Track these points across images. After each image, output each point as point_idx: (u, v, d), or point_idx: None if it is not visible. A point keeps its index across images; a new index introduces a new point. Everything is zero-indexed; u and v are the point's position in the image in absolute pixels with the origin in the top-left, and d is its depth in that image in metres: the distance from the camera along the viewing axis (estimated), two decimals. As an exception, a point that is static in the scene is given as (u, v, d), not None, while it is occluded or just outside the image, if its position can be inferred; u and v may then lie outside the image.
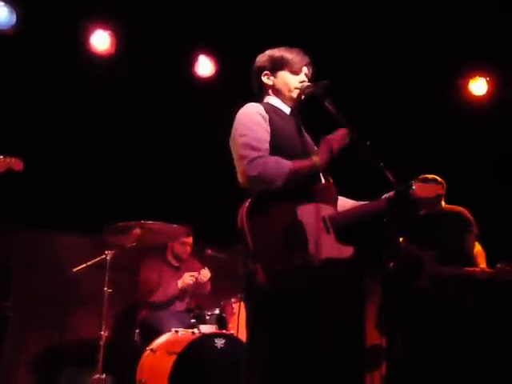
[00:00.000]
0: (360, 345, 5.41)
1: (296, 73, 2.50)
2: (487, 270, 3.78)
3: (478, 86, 5.06)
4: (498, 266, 3.72)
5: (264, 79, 2.48)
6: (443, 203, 4.12)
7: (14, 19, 4.29)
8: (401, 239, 4.01)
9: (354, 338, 5.28)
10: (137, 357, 3.77)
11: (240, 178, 2.17)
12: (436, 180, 4.10)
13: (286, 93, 2.49)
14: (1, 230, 4.40)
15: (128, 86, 4.64)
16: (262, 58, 2.52)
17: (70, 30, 4.52)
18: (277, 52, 2.52)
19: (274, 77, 2.49)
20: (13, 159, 2.95)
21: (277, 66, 2.49)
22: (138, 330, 4.10)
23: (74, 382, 4.20)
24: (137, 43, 4.70)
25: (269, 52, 2.53)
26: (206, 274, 4.18)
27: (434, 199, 4.08)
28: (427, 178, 4.10)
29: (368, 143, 2.54)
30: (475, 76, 5.04)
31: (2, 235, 4.44)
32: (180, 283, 4.19)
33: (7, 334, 3.73)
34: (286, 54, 2.51)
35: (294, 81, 2.50)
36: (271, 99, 2.49)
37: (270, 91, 2.49)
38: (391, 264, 4.27)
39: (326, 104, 2.58)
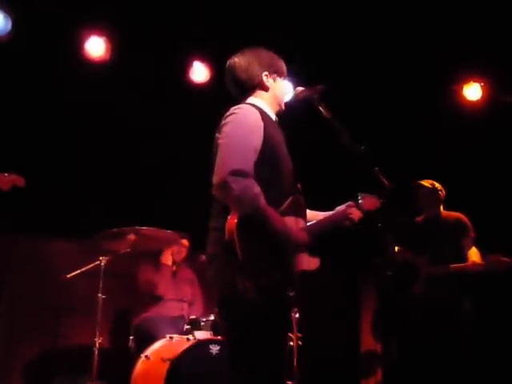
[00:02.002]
0: (355, 351, 5.41)
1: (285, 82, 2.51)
2: (478, 262, 3.80)
3: (473, 91, 5.07)
4: (489, 257, 3.76)
5: (264, 78, 2.40)
6: (442, 209, 4.13)
7: (9, 26, 4.28)
8: (396, 247, 4.01)
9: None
10: (131, 363, 3.74)
11: (216, 178, 2.06)
12: (433, 185, 4.10)
13: (279, 99, 2.48)
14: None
15: (123, 92, 4.63)
16: (265, 56, 2.44)
17: (65, 36, 4.53)
18: (274, 57, 2.48)
19: (274, 80, 2.44)
20: (16, 177, 3.05)
21: (278, 70, 2.46)
22: (132, 337, 4.07)
23: (67, 388, 4.18)
24: (131, 49, 4.70)
25: (268, 53, 2.47)
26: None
27: (433, 204, 4.09)
28: (422, 184, 4.11)
29: (362, 148, 2.55)
30: (469, 81, 5.05)
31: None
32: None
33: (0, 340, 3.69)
34: (282, 63, 2.50)
35: (285, 90, 2.49)
36: (257, 101, 2.38)
37: (261, 92, 2.41)
38: (387, 272, 4.27)
39: (321, 108, 2.59)
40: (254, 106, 2.34)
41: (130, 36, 4.66)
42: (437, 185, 4.13)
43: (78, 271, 3.84)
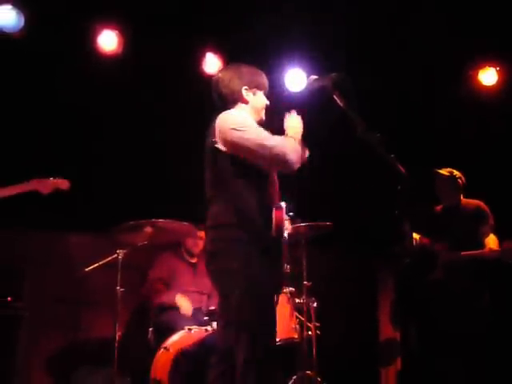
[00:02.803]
0: (373, 339, 5.39)
1: (266, 96, 2.73)
2: (494, 249, 3.77)
3: (488, 76, 5.00)
4: (505, 245, 3.72)
5: (244, 92, 2.63)
6: (461, 197, 4.08)
7: (21, 22, 4.30)
8: (415, 234, 3.98)
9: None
10: (151, 355, 3.77)
11: (275, 162, 2.43)
12: (452, 173, 4.06)
13: (259, 111, 2.68)
14: (13, 232, 4.44)
15: (136, 85, 4.65)
16: (246, 71, 2.68)
17: (77, 30, 4.53)
18: (255, 72, 2.71)
19: (253, 94, 2.66)
20: (60, 180, 3.09)
21: (258, 84, 2.68)
22: (151, 329, 4.10)
23: (88, 381, 4.22)
24: (144, 43, 4.70)
25: (249, 69, 2.70)
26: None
27: (452, 192, 4.05)
28: (440, 172, 4.06)
29: (378, 135, 2.54)
30: (485, 66, 4.98)
31: (14, 236, 4.48)
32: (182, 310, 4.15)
33: (21, 333, 3.74)
34: (262, 77, 2.72)
35: (264, 102, 2.70)
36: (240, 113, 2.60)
37: (241, 105, 2.63)
38: (405, 260, 4.25)
39: (335, 97, 2.59)
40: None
41: (142, 29, 4.66)
42: (455, 172, 4.09)
43: (96, 264, 3.87)
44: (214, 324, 3.69)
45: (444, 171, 4.09)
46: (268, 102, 2.72)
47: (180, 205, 4.44)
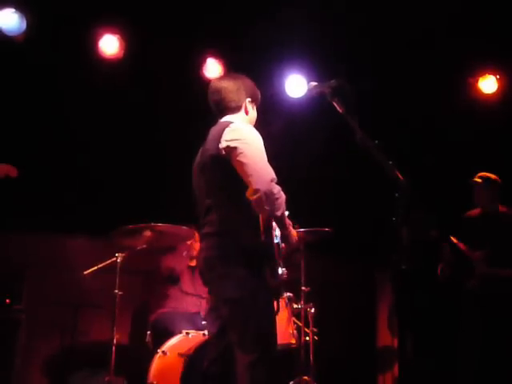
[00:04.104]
0: (371, 346, 5.39)
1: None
2: None
3: (488, 84, 5.02)
4: None
5: (247, 104, 2.72)
6: (499, 204, 4.02)
7: (24, 25, 4.32)
8: (454, 239, 3.92)
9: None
10: (148, 359, 3.77)
11: (262, 187, 2.38)
12: (485, 178, 3.99)
13: (252, 123, 2.74)
14: (13, 235, 4.45)
15: (136, 89, 4.67)
16: (250, 84, 2.76)
17: (79, 34, 4.55)
18: (255, 87, 2.79)
19: (252, 107, 2.75)
20: (7, 166, 3.04)
21: (257, 99, 2.78)
22: (149, 332, 4.11)
23: (87, 382, 4.23)
24: (145, 47, 4.72)
25: (252, 82, 2.78)
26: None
27: (490, 199, 3.99)
28: (475, 179, 3.99)
29: (376, 142, 2.55)
30: (485, 74, 5.00)
31: (13, 239, 4.49)
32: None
33: (20, 336, 3.74)
34: (259, 93, 2.79)
35: (256, 117, 2.80)
36: (238, 121, 2.64)
37: (241, 114, 2.70)
38: (402, 267, 4.23)
39: (334, 103, 2.61)
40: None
41: (143, 33, 4.68)
42: (492, 177, 4.01)
43: (95, 268, 3.88)
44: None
45: (477, 178, 4.03)
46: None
47: (178, 209, 4.45)
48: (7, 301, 3.72)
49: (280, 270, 2.50)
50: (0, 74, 4.34)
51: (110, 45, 4.70)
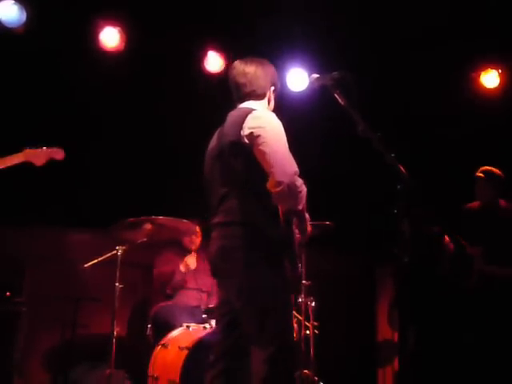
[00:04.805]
0: (371, 340, 5.39)
1: None
2: None
3: (490, 79, 5.00)
4: None
5: (271, 92, 2.64)
6: (500, 199, 3.98)
7: (24, 17, 4.30)
8: (447, 237, 3.89)
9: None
10: (149, 352, 3.78)
11: (285, 179, 2.29)
12: (486, 172, 3.95)
13: (271, 110, 2.64)
14: (13, 228, 4.44)
15: (137, 82, 4.65)
16: (274, 72, 2.67)
17: (79, 26, 4.53)
18: (276, 73, 2.70)
19: (273, 95, 2.67)
20: (54, 149, 2.93)
21: (277, 87, 2.69)
22: (150, 325, 4.11)
23: (86, 377, 4.23)
24: (146, 40, 4.70)
25: (273, 68, 2.69)
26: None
27: (492, 194, 3.96)
28: (477, 174, 3.96)
29: (378, 135, 2.54)
30: (487, 68, 4.98)
31: (13, 232, 4.48)
32: (182, 267, 4.30)
33: (20, 328, 3.74)
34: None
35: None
36: (259, 107, 2.56)
37: (263, 102, 2.61)
38: (404, 260, 4.21)
39: (336, 95, 2.59)
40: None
41: (144, 26, 4.66)
42: (495, 171, 3.96)
43: (96, 261, 3.89)
44: (213, 322, 3.70)
45: (479, 172, 4.00)
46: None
47: (179, 202, 4.45)
48: (7, 293, 3.72)
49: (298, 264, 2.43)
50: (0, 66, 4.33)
51: (110, 37, 4.68)
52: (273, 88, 2.64)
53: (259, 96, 2.59)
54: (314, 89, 2.73)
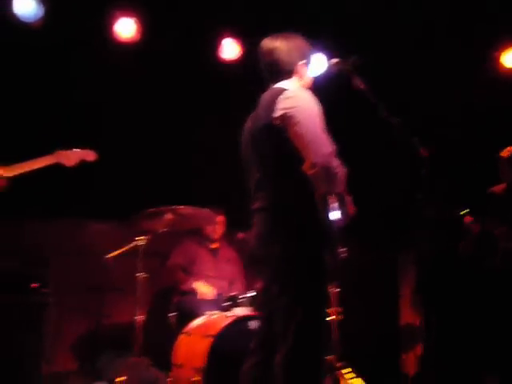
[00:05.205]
0: (394, 324, 5.37)
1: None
2: None
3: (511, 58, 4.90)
4: None
5: (300, 66, 2.50)
6: None
7: (41, 12, 4.31)
8: (470, 216, 3.84)
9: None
10: (172, 340, 3.81)
11: (319, 160, 2.19)
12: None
13: (307, 86, 2.53)
14: (36, 220, 4.51)
15: (154, 72, 4.65)
16: (304, 45, 2.55)
17: (94, 18, 4.53)
18: (308, 45, 2.58)
19: (306, 68, 2.54)
20: (85, 151, 2.97)
21: (309, 60, 2.56)
22: (173, 314, 4.15)
23: (112, 365, 4.30)
24: (161, 29, 4.69)
25: (305, 42, 2.56)
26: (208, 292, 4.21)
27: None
28: (500, 154, 3.91)
29: (398, 119, 2.51)
30: (509, 47, 4.88)
31: (37, 225, 4.55)
32: (199, 295, 4.21)
33: (47, 319, 3.81)
34: (311, 52, 2.60)
35: (311, 77, 2.59)
36: (292, 86, 2.44)
37: (295, 78, 2.49)
38: (427, 245, 4.18)
39: (355, 80, 2.56)
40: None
41: (159, 16, 4.65)
42: None
43: (118, 251, 3.92)
44: (236, 310, 3.72)
45: (503, 152, 3.93)
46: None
47: (199, 191, 4.46)
48: (34, 285, 3.78)
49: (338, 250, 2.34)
50: (15, 60, 4.35)
51: (125, 28, 4.68)
52: (302, 61, 2.50)
53: (289, 73, 2.47)
54: (332, 74, 2.70)
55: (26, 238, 4.52)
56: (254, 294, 3.86)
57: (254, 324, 3.48)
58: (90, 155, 3.00)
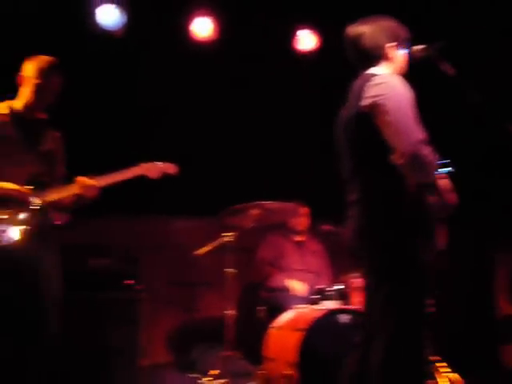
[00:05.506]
0: (491, 316, 5.16)
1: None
2: None
3: None
4: None
5: (389, 49, 2.38)
6: None
7: (124, 20, 4.46)
8: None
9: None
10: (262, 334, 3.86)
11: (407, 148, 2.10)
12: None
13: (402, 70, 2.41)
14: (126, 219, 4.72)
15: (234, 69, 4.70)
16: (391, 26, 2.42)
17: (172, 21, 4.64)
18: (397, 26, 2.44)
19: (397, 51, 2.40)
20: (167, 165, 3.13)
21: (401, 40, 2.41)
22: (262, 308, 4.20)
23: (204, 357, 4.43)
24: (238, 26, 4.72)
25: (393, 23, 2.44)
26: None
27: None
28: None
29: (491, 104, 2.40)
30: None
31: (127, 224, 4.76)
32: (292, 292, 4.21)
33: (142, 313, 3.97)
34: (404, 32, 2.44)
35: (405, 59, 2.44)
36: (383, 72, 2.34)
37: (385, 63, 2.38)
38: None
39: (443, 66, 2.46)
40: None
41: (235, 12, 4.68)
42: None
43: (207, 248, 4.01)
44: (325, 303, 3.72)
45: None
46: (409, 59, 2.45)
47: (282, 185, 4.48)
48: (129, 281, 3.94)
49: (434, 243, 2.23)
50: (98, 68, 4.51)
51: (202, 27, 4.75)
52: (391, 44, 2.36)
53: (377, 58, 2.37)
54: (415, 61, 2.61)
55: (117, 237, 4.73)
56: (342, 286, 3.85)
57: (344, 318, 3.47)
58: (171, 168, 3.14)
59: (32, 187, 2.73)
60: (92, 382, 3.65)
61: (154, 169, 3.07)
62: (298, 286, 4.22)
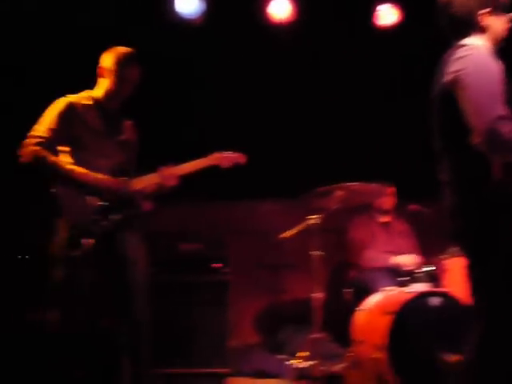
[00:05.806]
0: None
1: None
2: None
3: None
4: None
5: (481, 17, 2.19)
6: None
7: (203, 8, 4.51)
8: None
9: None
10: (349, 316, 3.84)
11: (482, 126, 1.97)
12: None
13: (498, 38, 2.23)
14: (215, 204, 4.84)
15: (313, 50, 4.65)
16: None
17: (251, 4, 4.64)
18: None
19: (492, 17, 2.20)
20: (238, 155, 3.20)
21: (496, 6, 2.21)
22: (349, 290, 4.17)
23: (292, 339, 4.48)
24: (315, 3, 4.65)
25: None
26: None
27: None
28: None
29: None
30: None
31: (216, 208, 4.88)
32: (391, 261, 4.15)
33: (230, 295, 4.06)
34: None
35: (504, 26, 2.23)
36: (477, 42, 2.18)
37: (478, 35, 2.21)
38: None
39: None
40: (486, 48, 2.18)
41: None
42: None
43: (293, 231, 4.02)
44: (414, 285, 3.63)
45: None
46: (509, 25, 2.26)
47: (368, 166, 4.40)
48: (218, 265, 4.04)
49: None
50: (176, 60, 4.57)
51: (280, 9, 4.72)
52: (483, 11, 2.18)
53: (470, 26, 2.20)
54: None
55: (205, 221, 4.85)
56: (433, 268, 3.74)
57: (435, 300, 3.38)
58: (241, 158, 3.19)
59: (122, 177, 2.84)
60: (183, 362, 3.80)
61: (226, 159, 3.14)
62: (406, 259, 4.13)
